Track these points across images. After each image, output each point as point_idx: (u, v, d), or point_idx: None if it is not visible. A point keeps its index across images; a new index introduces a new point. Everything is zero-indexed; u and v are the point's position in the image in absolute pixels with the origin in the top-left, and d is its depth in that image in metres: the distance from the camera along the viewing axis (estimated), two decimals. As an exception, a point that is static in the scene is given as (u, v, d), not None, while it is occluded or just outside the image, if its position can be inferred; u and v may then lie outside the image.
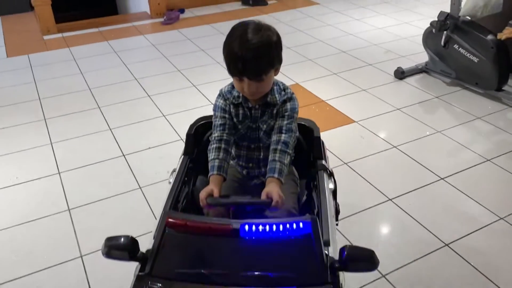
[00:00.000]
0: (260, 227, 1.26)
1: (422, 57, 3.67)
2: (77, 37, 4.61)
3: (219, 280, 1.22)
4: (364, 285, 1.78)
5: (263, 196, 1.43)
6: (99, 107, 3.22)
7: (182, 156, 1.79)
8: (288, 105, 1.57)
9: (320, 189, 1.60)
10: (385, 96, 3.25)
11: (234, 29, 1.48)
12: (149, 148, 2.72)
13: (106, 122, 3.02)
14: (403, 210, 2.17)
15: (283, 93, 1.56)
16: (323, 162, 1.70)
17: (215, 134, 1.60)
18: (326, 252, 1.29)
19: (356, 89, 3.37)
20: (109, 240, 1.29)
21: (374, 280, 1.80)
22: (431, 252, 1.93)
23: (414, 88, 3.36)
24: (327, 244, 1.33)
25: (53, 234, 2.09)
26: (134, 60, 4.00)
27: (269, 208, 1.43)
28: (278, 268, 1.24)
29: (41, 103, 3.29)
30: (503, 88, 3.08)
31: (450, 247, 1.95)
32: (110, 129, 2.93)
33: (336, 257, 1.28)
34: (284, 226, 1.27)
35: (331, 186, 1.68)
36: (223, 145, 1.56)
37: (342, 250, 1.25)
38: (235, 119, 1.60)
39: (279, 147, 1.53)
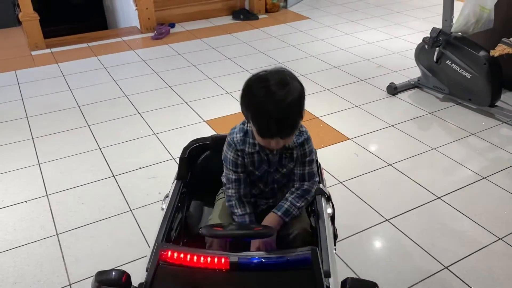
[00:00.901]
0: (259, 260, 1.21)
1: (413, 71, 3.67)
2: (66, 52, 4.54)
3: (216, 316, 1.17)
4: (364, 312, 1.72)
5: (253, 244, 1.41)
6: (88, 125, 3.15)
7: (175, 181, 1.73)
8: (307, 149, 1.51)
9: (318, 215, 1.55)
10: (379, 112, 3.23)
11: (252, 85, 1.33)
12: (140, 168, 2.66)
13: (95, 141, 2.95)
14: (400, 231, 2.13)
15: (299, 134, 1.49)
16: (321, 185, 1.65)
17: (231, 190, 1.52)
18: (327, 284, 1.25)
19: (349, 105, 3.35)
20: (100, 274, 1.23)
21: (374, 307, 1.75)
22: (431, 275, 1.89)
23: (407, 104, 3.35)
24: (327, 275, 1.28)
25: (41, 260, 2.01)
26: (124, 76, 3.94)
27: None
28: (277, 302, 1.18)
29: (28, 122, 3.21)
30: (496, 104, 3.08)
31: (449, 270, 1.91)
32: (100, 148, 2.86)
33: (337, 288, 1.23)
34: (283, 259, 1.23)
35: (330, 211, 1.63)
36: (243, 199, 1.51)
37: (344, 283, 1.20)
38: (250, 167, 1.51)
39: (298, 192, 1.52)
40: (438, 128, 3.02)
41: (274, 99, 1.28)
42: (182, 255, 1.21)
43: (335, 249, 1.81)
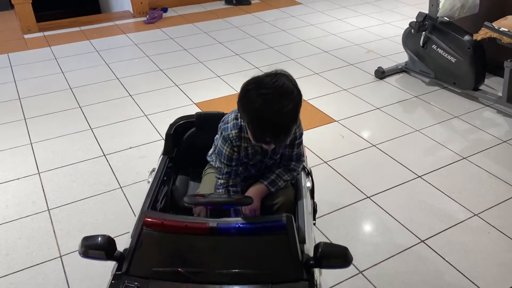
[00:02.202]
0: (237, 226, 1.28)
1: (402, 57, 3.72)
2: (59, 36, 4.57)
3: (196, 278, 1.24)
4: (341, 282, 1.81)
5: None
6: (80, 107, 3.20)
7: (162, 156, 1.80)
8: (297, 132, 1.55)
9: (297, 187, 1.63)
10: (366, 95, 3.29)
11: (250, 91, 1.33)
12: (130, 147, 2.72)
13: (87, 122, 3.00)
14: (380, 207, 2.21)
15: None
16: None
17: (221, 180, 1.56)
18: (302, 249, 1.32)
19: (337, 88, 3.41)
20: (86, 239, 1.29)
21: (351, 277, 1.83)
22: (408, 248, 1.97)
23: (394, 88, 3.41)
24: (302, 241, 1.36)
25: (32, 234, 2.08)
26: (116, 59, 3.98)
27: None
28: (254, 265, 1.26)
29: (21, 103, 3.26)
30: (479, 88, 3.15)
31: (426, 244, 1.99)
32: (91, 129, 2.92)
33: (312, 254, 1.30)
34: (260, 224, 1.30)
35: (309, 184, 1.70)
36: (231, 189, 1.56)
37: (316, 247, 1.27)
38: (244, 159, 1.55)
39: (286, 168, 1.58)
40: (423, 111, 3.09)
41: (271, 109, 1.29)
42: (164, 221, 1.28)
43: (314, 223, 1.89)
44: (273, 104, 1.29)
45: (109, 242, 1.28)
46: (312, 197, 1.79)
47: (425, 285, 1.80)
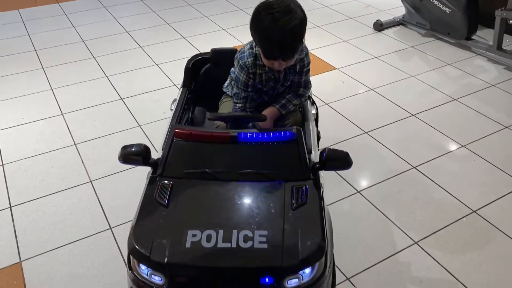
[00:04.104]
0: (254, 135, 1.50)
1: (400, 11, 3.87)
2: (66, -7, 4.67)
3: (220, 176, 1.46)
4: (342, 199, 2.05)
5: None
6: (94, 57, 3.37)
7: (181, 88, 2.00)
8: (306, 61, 1.74)
9: (304, 112, 1.85)
10: (365, 46, 3.47)
11: (260, 12, 1.50)
12: (145, 92, 2.92)
13: (102, 70, 3.19)
14: (377, 140, 2.43)
15: (300, 50, 1.67)
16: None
17: (239, 104, 1.73)
18: (309, 158, 1.54)
19: (338, 40, 3.58)
20: (125, 148, 1.50)
21: (350, 195, 2.07)
22: (401, 173, 2.20)
23: (391, 39, 3.59)
24: (309, 152, 1.58)
25: (63, 164, 2.30)
26: (124, 15, 4.13)
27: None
28: (269, 167, 1.48)
29: (37, 54, 3.43)
30: (472, 37, 3.33)
31: (417, 169, 2.23)
32: (107, 76, 3.11)
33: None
34: (275, 134, 1.52)
35: (314, 111, 1.92)
36: (248, 110, 1.73)
37: (322, 152, 1.49)
38: (259, 85, 1.72)
39: (295, 93, 1.76)
40: (418, 59, 3.28)
41: (277, 25, 1.48)
42: (193, 132, 1.50)
43: (318, 149, 2.11)
44: (279, 20, 1.47)
45: (146, 150, 1.49)
46: (317, 125, 2.00)
47: (415, 201, 2.04)
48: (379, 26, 3.68)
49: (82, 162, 2.32)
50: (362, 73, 3.11)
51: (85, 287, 1.67)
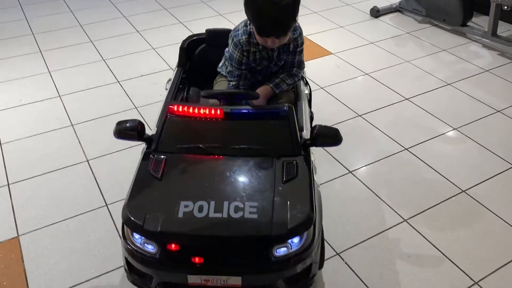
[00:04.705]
0: (247, 111, 1.53)
1: (397, -3, 3.89)
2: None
3: (213, 151, 1.50)
4: (334, 178, 2.08)
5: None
6: (92, 41, 3.39)
7: (177, 68, 2.03)
8: (299, 40, 1.76)
9: (297, 92, 1.88)
10: (361, 32, 3.49)
11: None
12: (142, 75, 2.94)
13: (99, 54, 3.21)
14: (370, 123, 2.46)
15: (294, 29, 1.71)
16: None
17: (233, 82, 1.75)
18: (301, 135, 1.57)
19: (334, 25, 3.60)
20: (120, 123, 1.54)
21: (342, 175, 2.11)
22: (393, 154, 2.24)
23: (387, 25, 3.60)
24: (301, 129, 1.61)
25: (61, 143, 2.34)
26: (122, 0, 4.13)
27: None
28: (261, 143, 1.51)
29: (35, 38, 3.44)
30: (467, 24, 3.35)
31: (409, 151, 2.26)
32: (104, 60, 3.13)
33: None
34: (266, 111, 1.55)
35: (306, 91, 1.95)
36: (241, 87, 1.75)
37: (313, 128, 1.53)
38: (252, 64, 1.74)
39: (288, 73, 1.79)
40: (413, 45, 3.31)
41: (271, 2, 1.51)
42: (186, 108, 1.53)
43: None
44: None
45: (140, 125, 1.52)
46: (310, 106, 2.03)
47: (406, 181, 2.08)
48: (376, 13, 3.70)
49: (79, 142, 2.35)
50: (357, 58, 3.13)
51: (82, 260, 1.71)
